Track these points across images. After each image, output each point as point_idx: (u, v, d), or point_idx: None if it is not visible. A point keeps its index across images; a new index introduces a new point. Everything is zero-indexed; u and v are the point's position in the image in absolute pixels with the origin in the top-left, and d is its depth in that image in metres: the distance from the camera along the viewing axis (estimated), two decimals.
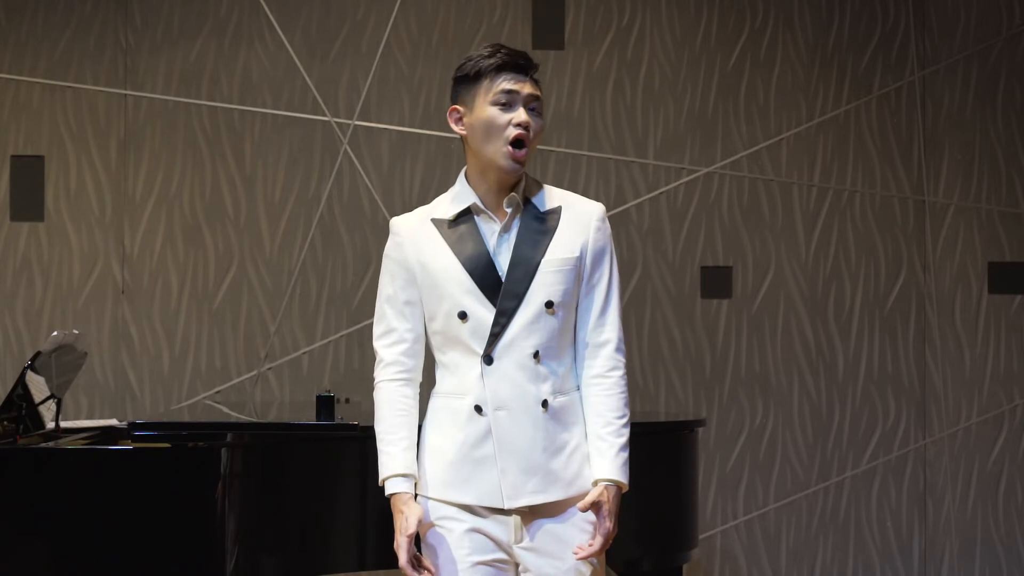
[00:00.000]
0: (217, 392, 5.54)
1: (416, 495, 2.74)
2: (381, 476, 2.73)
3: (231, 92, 5.60)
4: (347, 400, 4.86)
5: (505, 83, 2.71)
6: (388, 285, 2.79)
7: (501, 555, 2.71)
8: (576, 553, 2.67)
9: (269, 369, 5.56)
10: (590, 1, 5.73)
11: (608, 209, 3.60)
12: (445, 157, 5.64)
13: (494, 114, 2.70)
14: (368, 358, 5.59)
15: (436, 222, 2.76)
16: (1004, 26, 5.81)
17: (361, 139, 5.61)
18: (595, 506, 2.67)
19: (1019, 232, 5.79)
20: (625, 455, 2.71)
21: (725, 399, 5.70)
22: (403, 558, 2.64)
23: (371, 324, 5.56)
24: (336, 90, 5.63)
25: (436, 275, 2.72)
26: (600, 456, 2.70)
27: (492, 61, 2.72)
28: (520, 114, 2.70)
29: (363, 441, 3.71)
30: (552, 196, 2.79)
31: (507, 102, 2.71)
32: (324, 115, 5.59)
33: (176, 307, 5.58)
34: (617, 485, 2.70)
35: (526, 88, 2.72)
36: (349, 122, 5.59)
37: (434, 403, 2.79)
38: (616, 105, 5.71)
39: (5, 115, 5.55)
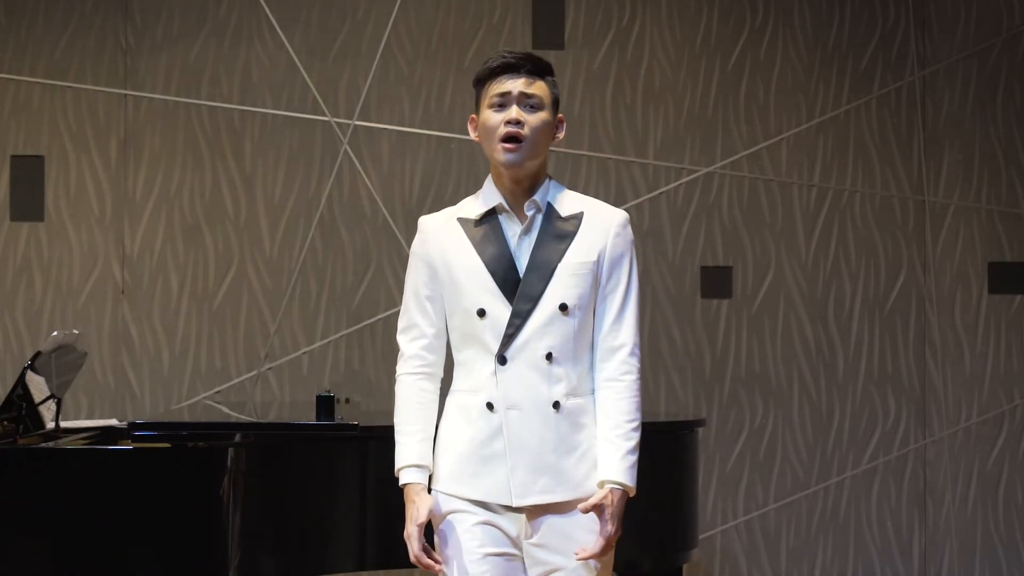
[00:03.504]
0: (217, 392, 5.54)
1: (430, 488, 2.77)
2: (396, 466, 2.77)
3: (231, 92, 5.60)
4: (347, 400, 4.86)
5: (498, 86, 2.78)
6: (412, 281, 2.84)
7: (512, 549, 2.74)
8: (577, 554, 2.69)
9: (269, 369, 5.56)
10: (590, 1, 5.73)
11: None
12: (445, 157, 5.63)
13: (489, 116, 2.78)
14: (368, 358, 5.59)
15: (462, 221, 2.81)
16: (1004, 26, 5.81)
17: (361, 139, 5.61)
18: (597, 508, 2.68)
19: (1019, 232, 5.79)
20: (633, 459, 2.73)
21: (725, 399, 5.70)
22: (415, 546, 2.68)
23: (371, 324, 5.61)
24: (336, 90, 5.62)
25: (458, 272, 2.77)
26: (607, 458, 2.72)
27: (488, 66, 2.81)
28: (510, 112, 2.75)
29: (363, 441, 3.72)
30: (575, 201, 2.83)
31: (501, 103, 2.77)
32: (324, 115, 5.59)
33: (176, 307, 5.57)
34: (623, 488, 2.71)
35: (518, 87, 2.77)
36: (349, 122, 5.59)
37: (449, 400, 2.83)
38: (616, 105, 5.71)
39: (5, 115, 5.55)
